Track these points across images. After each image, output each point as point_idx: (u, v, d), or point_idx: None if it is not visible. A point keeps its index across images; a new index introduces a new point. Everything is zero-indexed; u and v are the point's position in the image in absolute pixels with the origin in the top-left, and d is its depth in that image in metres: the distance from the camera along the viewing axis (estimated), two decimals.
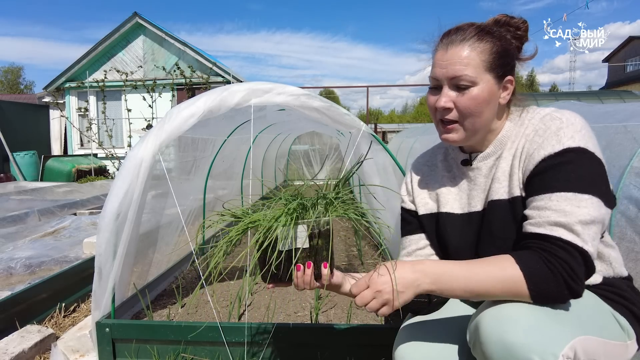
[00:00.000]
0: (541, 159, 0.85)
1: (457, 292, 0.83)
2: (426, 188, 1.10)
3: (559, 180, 0.82)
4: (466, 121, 0.92)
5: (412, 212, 1.10)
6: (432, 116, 0.99)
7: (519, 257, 0.80)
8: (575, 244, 0.77)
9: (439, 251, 1.07)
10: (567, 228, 0.78)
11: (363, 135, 1.79)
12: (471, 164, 1.01)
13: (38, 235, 3.83)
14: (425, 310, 1.03)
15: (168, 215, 2.58)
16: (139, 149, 1.70)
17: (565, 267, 0.76)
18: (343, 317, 1.99)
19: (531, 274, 0.76)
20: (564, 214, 0.79)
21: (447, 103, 0.92)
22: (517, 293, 0.77)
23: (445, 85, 0.92)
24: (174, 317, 2.04)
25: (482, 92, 0.90)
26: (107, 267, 1.75)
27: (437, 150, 1.13)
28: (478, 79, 0.90)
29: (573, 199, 0.80)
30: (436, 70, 0.93)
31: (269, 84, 1.66)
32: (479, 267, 0.82)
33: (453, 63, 0.90)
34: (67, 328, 2.22)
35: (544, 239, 0.80)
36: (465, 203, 1.01)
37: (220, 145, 3.06)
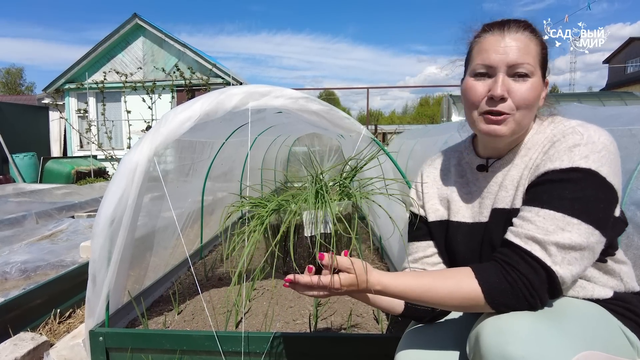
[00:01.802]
0: (545, 171, 0.82)
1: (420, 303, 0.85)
2: (437, 194, 1.05)
3: (553, 197, 0.79)
4: (519, 112, 0.86)
5: (421, 218, 1.06)
6: (470, 107, 0.91)
7: (478, 270, 0.79)
8: (543, 262, 0.75)
9: (447, 259, 1.03)
10: (541, 245, 0.76)
11: (363, 139, 1.75)
12: (487, 170, 0.96)
13: (35, 239, 3.79)
14: (427, 318, 1.01)
15: (166, 218, 2.55)
16: (134, 153, 1.66)
17: (524, 282, 0.74)
18: (343, 324, 1.94)
19: (489, 288, 0.77)
20: (545, 232, 0.76)
21: (505, 92, 0.85)
22: (476, 305, 0.78)
23: (501, 72, 0.85)
24: (170, 325, 2.00)
25: (538, 85, 0.86)
26: (102, 274, 1.71)
27: (451, 154, 1.09)
28: (535, 71, 0.86)
29: (560, 220, 0.76)
30: (490, 55, 0.86)
31: (267, 86, 1.62)
32: (439, 280, 0.82)
33: (514, 49, 0.85)
34: (62, 335, 2.18)
35: (514, 250, 0.78)
36: (476, 212, 0.97)
37: (218, 148, 3.02)
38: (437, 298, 0.81)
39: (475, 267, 0.81)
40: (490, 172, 0.95)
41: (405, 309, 1.01)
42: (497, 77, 0.85)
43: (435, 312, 0.99)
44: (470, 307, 0.80)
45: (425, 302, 0.84)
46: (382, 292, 0.86)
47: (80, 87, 10.53)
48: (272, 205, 0.85)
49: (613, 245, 0.88)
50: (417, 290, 0.83)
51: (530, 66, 0.84)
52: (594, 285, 0.86)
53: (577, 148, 0.80)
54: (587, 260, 0.77)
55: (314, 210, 0.81)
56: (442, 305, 0.83)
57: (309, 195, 0.85)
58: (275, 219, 0.86)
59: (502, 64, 0.84)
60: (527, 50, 0.84)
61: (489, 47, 0.86)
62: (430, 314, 1.00)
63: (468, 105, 0.91)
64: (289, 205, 0.85)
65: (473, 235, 0.96)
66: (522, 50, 0.84)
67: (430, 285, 0.82)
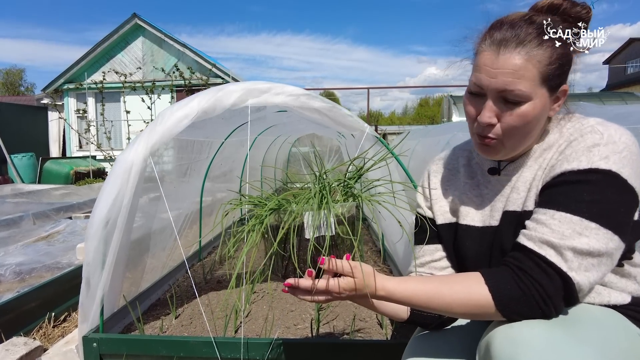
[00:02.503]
0: (561, 172, 0.76)
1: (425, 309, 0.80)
2: (446, 195, 1.00)
3: (570, 199, 0.73)
4: (508, 140, 0.81)
5: (428, 220, 1.00)
6: (469, 123, 0.87)
7: (489, 276, 0.74)
8: (559, 267, 0.70)
9: (456, 264, 0.98)
10: (557, 250, 0.71)
11: (367, 137, 1.69)
12: (499, 174, 0.90)
13: (31, 240, 3.73)
14: (434, 324, 0.97)
15: (164, 219, 2.49)
16: (129, 152, 1.60)
17: (538, 289, 0.70)
18: (346, 329, 1.88)
19: (500, 295, 0.72)
20: (561, 236, 0.71)
21: (492, 119, 0.80)
22: (486, 313, 0.74)
23: (490, 98, 0.80)
24: (167, 329, 1.94)
25: (534, 109, 0.78)
26: (96, 277, 1.65)
27: (460, 153, 1.03)
28: (532, 94, 0.77)
29: (577, 223, 0.71)
30: (481, 77, 0.79)
31: (267, 83, 1.56)
32: (446, 286, 0.76)
33: (504, 74, 0.77)
34: (56, 339, 2.12)
35: (527, 255, 0.73)
36: (487, 215, 0.92)
37: (217, 148, 2.97)
38: (444, 305, 0.77)
39: (485, 272, 0.76)
40: (503, 175, 0.90)
41: (411, 315, 0.97)
42: (487, 102, 0.80)
43: (442, 319, 0.95)
44: (480, 315, 0.75)
45: (431, 309, 0.79)
46: (386, 298, 0.81)
47: (79, 87, 10.47)
48: (272, 205, 0.80)
49: (631, 249, 0.83)
50: (423, 297, 0.78)
51: (523, 92, 0.76)
52: (610, 291, 0.81)
53: (596, 148, 0.75)
54: (605, 267, 0.72)
55: (316, 212, 0.76)
56: (449, 312, 0.78)
57: (311, 196, 0.79)
58: (275, 219, 0.81)
59: (490, 88, 0.78)
60: (522, 73, 0.76)
61: (481, 65, 0.80)
62: (437, 320, 0.96)
63: (468, 122, 0.88)
64: (289, 206, 0.79)
65: (483, 240, 0.91)
66: (514, 74, 0.76)
67: (437, 291, 0.77)
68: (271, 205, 0.80)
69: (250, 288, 2.30)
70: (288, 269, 0.82)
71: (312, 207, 0.76)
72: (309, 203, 0.78)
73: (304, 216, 0.77)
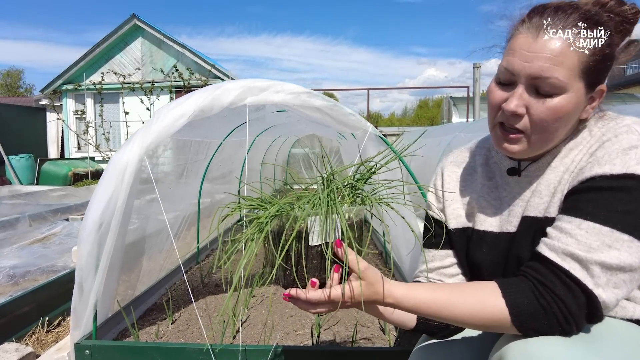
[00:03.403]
0: (591, 176, 0.69)
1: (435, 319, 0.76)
2: (460, 196, 0.92)
3: (600, 207, 0.66)
4: (535, 135, 0.74)
5: (440, 223, 0.93)
6: (490, 115, 0.79)
7: (506, 287, 0.68)
8: (584, 284, 0.64)
9: (467, 271, 0.92)
10: (582, 264, 0.65)
11: (370, 137, 1.64)
12: (519, 175, 0.83)
13: (26, 242, 3.67)
14: (441, 334, 0.91)
15: (161, 221, 2.44)
16: (124, 152, 1.55)
17: (560, 306, 0.64)
18: (347, 335, 1.83)
19: (518, 310, 0.66)
20: (587, 249, 0.64)
21: (520, 108, 0.72)
22: (500, 327, 0.69)
23: (522, 83, 0.72)
24: (163, 335, 1.88)
25: (568, 103, 0.71)
26: (89, 282, 1.60)
27: (477, 151, 0.95)
28: (568, 86, 0.70)
29: (607, 235, 0.64)
30: (514, 61, 0.72)
31: (267, 81, 1.51)
32: (460, 296, 0.71)
33: (541, 58, 0.69)
34: (49, 345, 2.07)
35: (549, 268, 0.67)
36: (505, 220, 0.85)
37: (216, 149, 2.91)
38: (456, 316, 0.71)
39: (501, 282, 0.70)
40: (523, 176, 0.83)
41: (418, 324, 0.91)
42: (516, 88, 0.72)
43: (450, 328, 0.90)
44: (493, 328, 0.70)
45: (441, 319, 0.74)
46: (394, 306, 0.76)
47: (78, 88, 10.42)
48: (273, 210, 0.74)
49: None
50: (434, 306, 0.72)
51: (560, 81, 0.69)
52: (635, 305, 0.75)
53: (632, 151, 0.68)
54: (635, 282, 0.66)
55: (324, 217, 0.70)
56: (460, 323, 0.73)
57: (316, 199, 0.74)
58: (277, 224, 0.75)
59: (523, 73, 0.71)
60: (561, 60, 0.68)
61: (515, 48, 0.72)
62: (445, 329, 0.90)
63: (488, 111, 0.80)
64: (292, 210, 0.73)
65: (498, 247, 0.85)
66: (553, 59, 0.68)
67: (450, 300, 0.72)
68: (273, 212, 0.73)
69: (249, 292, 2.24)
70: (290, 278, 0.76)
71: (320, 212, 0.70)
72: (315, 207, 0.72)
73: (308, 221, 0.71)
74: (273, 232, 0.75)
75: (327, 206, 0.71)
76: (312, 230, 0.72)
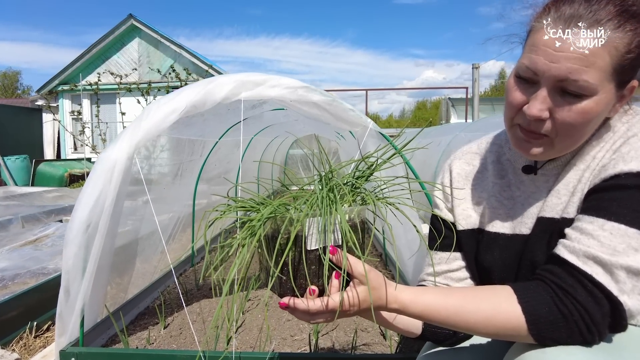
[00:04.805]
0: (615, 173, 0.64)
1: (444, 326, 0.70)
2: (470, 196, 0.86)
3: (625, 207, 0.61)
4: (559, 140, 0.67)
5: (447, 224, 0.87)
6: (507, 114, 0.72)
7: (521, 293, 0.62)
8: (609, 290, 0.58)
9: (477, 276, 0.86)
10: (606, 268, 0.59)
11: (370, 134, 1.57)
12: (536, 173, 0.77)
13: (18, 244, 3.58)
14: (449, 341, 0.85)
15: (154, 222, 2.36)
16: (112, 150, 1.48)
17: (582, 315, 0.59)
18: (347, 341, 1.76)
19: (536, 318, 0.61)
20: (612, 252, 0.59)
21: (543, 112, 0.65)
22: (516, 336, 0.64)
23: (546, 86, 0.65)
24: (154, 341, 1.81)
25: (597, 105, 0.64)
26: (76, 286, 1.52)
27: (488, 147, 0.89)
28: (599, 88, 0.63)
29: (634, 237, 0.59)
30: (538, 60, 0.64)
31: (262, 75, 1.44)
32: (472, 302, 0.65)
33: (570, 58, 0.61)
34: (37, 350, 1.99)
35: (569, 272, 0.61)
36: (518, 222, 0.79)
37: (211, 148, 2.84)
38: (468, 322, 0.65)
39: (517, 287, 0.64)
40: (540, 174, 0.77)
41: (424, 331, 0.85)
42: (539, 90, 0.65)
43: (458, 336, 0.84)
44: (508, 337, 0.64)
45: (451, 326, 0.67)
46: (399, 311, 0.69)
47: (74, 88, 10.33)
48: (267, 212, 0.66)
49: None
50: (444, 313, 0.67)
51: (590, 84, 0.62)
52: None
53: None
54: None
55: (322, 218, 0.63)
56: (472, 330, 0.66)
57: (314, 199, 0.67)
58: (271, 227, 0.68)
59: (548, 75, 0.63)
60: (592, 61, 0.61)
61: (541, 45, 0.64)
62: (453, 337, 0.84)
63: (506, 109, 0.73)
64: (287, 212, 0.66)
65: (511, 250, 0.79)
66: (583, 61, 0.61)
67: (461, 307, 0.66)
68: (266, 213, 0.66)
69: (244, 295, 2.17)
70: (286, 285, 0.69)
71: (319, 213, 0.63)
72: (313, 207, 0.65)
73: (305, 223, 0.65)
74: (267, 236, 0.69)
75: (326, 206, 0.64)
76: (310, 233, 0.65)
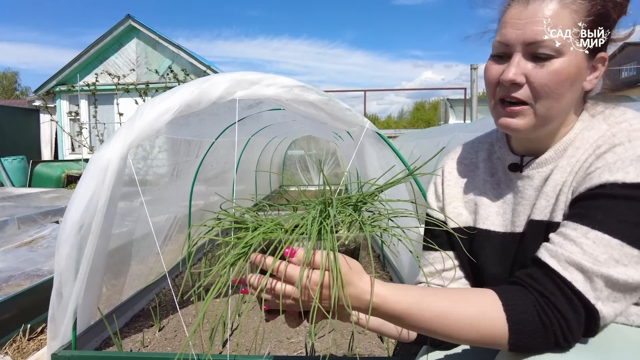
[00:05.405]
0: (601, 183, 0.63)
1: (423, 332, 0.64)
2: (461, 194, 0.86)
3: (610, 217, 0.61)
4: (540, 103, 0.69)
5: (440, 223, 0.86)
6: (488, 94, 0.75)
7: (508, 299, 0.61)
8: (586, 298, 0.59)
9: (470, 274, 0.84)
10: (586, 275, 0.59)
11: (367, 134, 1.56)
12: (521, 171, 0.77)
13: (13, 246, 3.55)
14: (445, 344, 0.83)
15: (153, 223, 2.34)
16: (106, 150, 1.46)
17: (561, 324, 0.59)
18: (343, 343, 1.74)
19: (519, 328, 0.60)
20: (594, 261, 0.59)
21: (518, 76, 0.68)
22: (493, 342, 0.61)
23: (519, 52, 0.69)
24: (149, 344, 1.78)
25: (569, 66, 0.67)
26: (68, 288, 1.50)
27: (480, 146, 0.88)
28: (565, 48, 0.67)
29: (616, 248, 0.59)
30: (507, 31, 0.69)
31: (257, 74, 1.42)
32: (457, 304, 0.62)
33: (534, 22, 0.67)
34: (30, 353, 1.96)
35: (550, 277, 0.60)
36: (508, 220, 0.78)
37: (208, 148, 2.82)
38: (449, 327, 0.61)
39: (501, 293, 0.62)
40: (525, 172, 0.77)
41: (419, 335, 0.83)
42: (513, 58, 0.69)
43: None
44: (485, 343, 0.62)
45: (429, 331, 0.63)
46: (377, 309, 0.62)
47: (71, 89, 10.29)
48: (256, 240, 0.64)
49: None
50: (427, 314, 0.61)
51: (556, 43, 0.66)
52: None
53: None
54: (635, 297, 0.62)
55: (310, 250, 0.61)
56: (450, 336, 0.62)
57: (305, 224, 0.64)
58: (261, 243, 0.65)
59: (518, 41, 0.68)
60: (555, 21, 0.66)
61: (507, 20, 0.71)
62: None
63: (487, 91, 0.76)
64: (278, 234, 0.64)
65: (504, 248, 0.78)
66: (546, 23, 0.67)
67: (446, 309, 0.61)
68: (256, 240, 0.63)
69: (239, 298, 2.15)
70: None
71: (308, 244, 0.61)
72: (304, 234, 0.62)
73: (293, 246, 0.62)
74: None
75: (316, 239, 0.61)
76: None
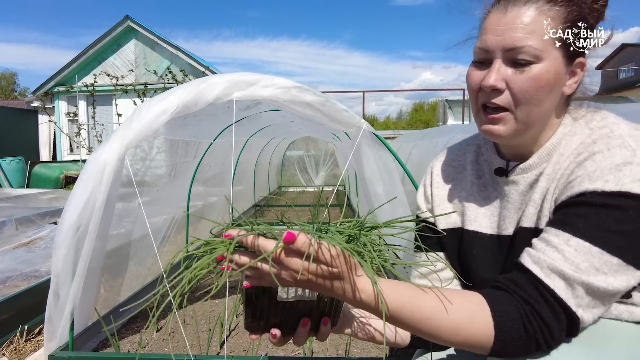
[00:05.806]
0: (581, 191, 0.63)
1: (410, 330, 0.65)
2: (450, 195, 0.87)
3: (591, 225, 0.61)
4: (520, 109, 0.69)
5: (430, 225, 0.87)
6: (472, 100, 0.76)
7: (495, 304, 0.62)
8: (568, 305, 0.60)
9: (460, 275, 0.85)
10: (567, 282, 0.60)
11: (364, 135, 1.56)
12: (507, 176, 0.78)
13: (10, 247, 3.54)
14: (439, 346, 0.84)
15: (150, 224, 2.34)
16: (103, 151, 1.46)
17: (544, 332, 0.60)
18: (341, 345, 1.74)
19: (504, 335, 0.60)
20: (575, 269, 0.60)
21: (499, 82, 0.69)
22: (477, 347, 0.62)
23: (498, 58, 0.70)
24: (147, 344, 1.78)
25: (547, 71, 0.68)
26: (65, 289, 1.50)
27: (467, 148, 0.89)
28: (544, 54, 0.67)
29: (596, 257, 0.60)
30: (487, 38, 0.70)
31: (254, 75, 1.42)
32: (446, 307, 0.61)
33: (513, 29, 0.68)
34: (27, 354, 1.96)
35: (533, 283, 0.61)
36: (495, 222, 0.79)
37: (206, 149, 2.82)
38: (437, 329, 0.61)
39: (489, 298, 0.62)
40: (511, 177, 0.77)
41: (414, 338, 0.82)
42: (494, 64, 0.70)
43: None
44: (468, 347, 0.62)
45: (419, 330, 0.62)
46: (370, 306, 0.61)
47: (70, 90, 10.27)
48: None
49: None
50: (418, 315, 0.61)
51: (534, 48, 0.67)
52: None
53: (627, 167, 0.62)
54: (613, 302, 0.64)
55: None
56: (435, 337, 0.62)
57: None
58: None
59: (498, 47, 0.69)
60: (533, 28, 0.67)
61: (487, 26, 0.72)
62: None
63: (470, 97, 0.77)
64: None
65: (494, 252, 0.79)
66: (524, 29, 0.67)
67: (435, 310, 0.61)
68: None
69: (237, 298, 2.15)
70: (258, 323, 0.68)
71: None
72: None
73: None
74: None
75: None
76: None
